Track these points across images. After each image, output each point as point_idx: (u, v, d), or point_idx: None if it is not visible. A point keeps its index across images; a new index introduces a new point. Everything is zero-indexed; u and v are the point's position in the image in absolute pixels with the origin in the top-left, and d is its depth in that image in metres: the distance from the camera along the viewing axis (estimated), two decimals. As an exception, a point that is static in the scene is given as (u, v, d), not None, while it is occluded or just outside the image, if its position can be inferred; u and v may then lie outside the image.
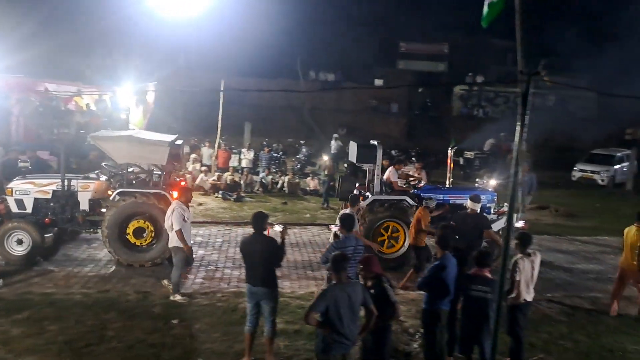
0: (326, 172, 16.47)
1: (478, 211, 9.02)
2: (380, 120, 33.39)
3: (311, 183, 18.69)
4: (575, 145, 28.14)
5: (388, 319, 5.79)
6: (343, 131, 29.39)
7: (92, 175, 10.83)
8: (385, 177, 11.32)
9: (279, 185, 18.32)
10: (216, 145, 18.68)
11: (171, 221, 8.38)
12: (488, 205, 11.12)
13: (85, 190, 10.25)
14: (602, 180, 23.28)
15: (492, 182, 13.27)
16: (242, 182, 17.64)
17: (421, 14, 36.31)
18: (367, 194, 10.92)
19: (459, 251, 7.05)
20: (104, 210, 10.20)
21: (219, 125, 18.16)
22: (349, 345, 5.28)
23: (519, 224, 10.21)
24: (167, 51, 27.97)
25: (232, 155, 19.56)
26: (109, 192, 10.33)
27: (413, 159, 21.34)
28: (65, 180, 10.14)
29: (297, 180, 18.72)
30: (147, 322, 7.69)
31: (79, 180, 10.30)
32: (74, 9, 24.29)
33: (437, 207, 10.28)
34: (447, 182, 12.40)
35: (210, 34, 25.95)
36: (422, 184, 12.10)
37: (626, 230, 8.84)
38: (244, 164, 19.32)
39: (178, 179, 11.61)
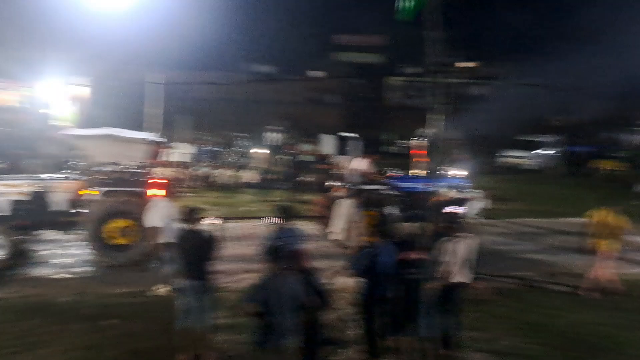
0: (262, 165, 16.36)
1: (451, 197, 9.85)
2: (319, 112, 33.61)
3: (250, 176, 18.55)
4: (502, 132, 29.35)
5: (322, 309, 5.85)
6: (282, 123, 29.35)
7: (71, 174, 10.61)
8: (358, 167, 11.69)
9: (219, 179, 18.08)
10: None
11: (152, 217, 8.20)
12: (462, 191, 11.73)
13: (63, 190, 10.00)
14: (528, 165, 24.47)
15: (463, 171, 13.78)
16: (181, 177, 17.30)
17: (355, 6, 36.72)
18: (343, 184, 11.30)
19: (394, 236, 7.21)
20: (81, 210, 10.02)
21: (161, 120, 17.69)
22: (286, 336, 5.29)
23: (449, 209, 10.52)
24: (102, 46, 26.87)
25: (170, 150, 19.10)
26: (91, 192, 10.07)
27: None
28: (42, 181, 9.95)
29: (237, 174, 18.53)
30: (81, 324, 7.42)
31: (56, 180, 10.11)
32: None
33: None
34: (414, 171, 12.90)
35: (147, 28, 25.12)
36: (394, 173, 12.48)
37: (597, 215, 9.40)
38: (183, 158, 18.94)
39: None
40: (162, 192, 8.78)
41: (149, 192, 9.58)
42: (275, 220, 7.10)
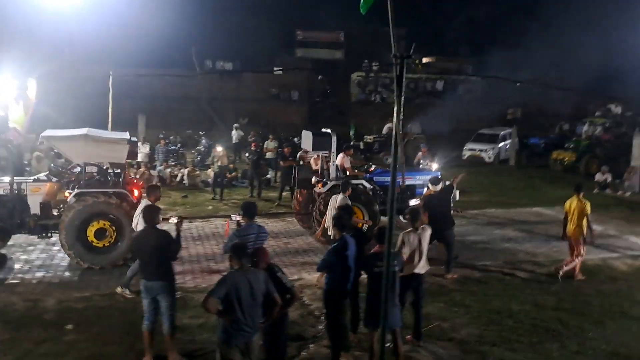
0: (220, 164, 16.17)
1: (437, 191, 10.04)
2: (281, 108, 33.47)
3: (212, 174, 18.33)
4: (464, 126, 29.92)
5: (288, 305, 5.83)
6: (244, 120, 29.13)
7: (42, 177, 10.35)
8: (338, 162, 11.67)
9: (178, 179, 17.80)
10: None
11: (137, 220, 7.96)
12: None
13: (35, 194, 9.74)
14: (489, 157, 24.99)
15: (435, 165, 13.89)
16: (137, 177, 16.93)
17: (317, 2, 36.74)
18: (325, 180, 11.31)
19: (357, 231, 7.24)
20: (56, 213, 9.87)
21: (109, 120, 17.24)
22: (251, 334, 5.25)
23: (414, 201, 10.69)
24: (50, 43, 25.98)
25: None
26: (66, 195, 9.86)
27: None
28: (14, 184, 9.64)
29: (197, 173, 18.29)
30: (37, 331, 7.19)
31: (28, 183, 9.80)
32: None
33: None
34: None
35: (96, 24, 24.49)
36: (373, 168, 12.53)
37: (567, 202, 9.71)
38: (139, 158, 18.52)
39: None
40: (151, 193, 8.34)
41: (139, 192, 9.55)
42: (238, 218, 7.02)
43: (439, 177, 10.81)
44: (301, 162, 14.75)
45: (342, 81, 38.04)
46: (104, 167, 10.40)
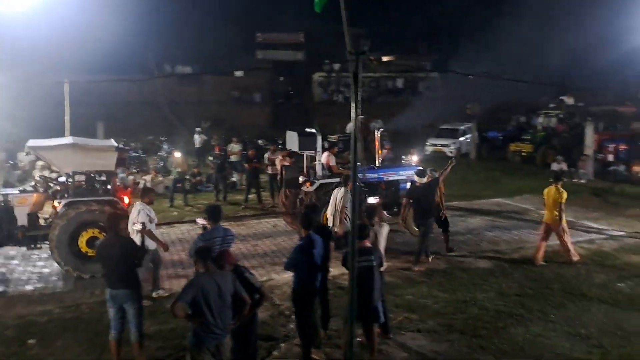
0: (178, 170, 15.95)
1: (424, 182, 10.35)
2: (244, 111, 33.28)
3: (175, 180, 18.12)
4: (425, 122, 30.38)
5: (257, 305, 5.83)
6: (207, 124, 28.81)
7: (28, 188, 10.34)
8: (323, 161, 11.81)
9: (140, 186, 17.47)
10: None
11: (137, 222, 7.91)
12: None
13: (22, 205, 9.67)
14: (451, 152, 25.46)
15: (415, 158, 14.12)
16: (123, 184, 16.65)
17: (275, 4, 36.65)
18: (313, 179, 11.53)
19: (323, 228, 7.30)
20: (44, 223, 9.86)
21: (66, 128, 16.82)
22: (222, 335, 5.24)
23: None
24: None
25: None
26: (55, 204, 9.81)
27: (279, 146, 21.54)
28: (0, 196, 9.62)
29: (160, 179, 18.03)
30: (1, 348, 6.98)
31: (14, 195, 9.78)
32: None
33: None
34: (377, 162, 13.12)
35: (47, 31, 23.73)
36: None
37: (546, 190, 10.15)
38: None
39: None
40: (145, 195, 8.51)
41: (129, 199, 9.65)
42: (204, 222, 6.99)
43: (424, 169, 11.15)
44: (270, 165, 14.83)
45: (304, 82, 38.12)
46: (92, 176, 10.30)
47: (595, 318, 7.76)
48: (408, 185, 11.89)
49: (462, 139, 26.57)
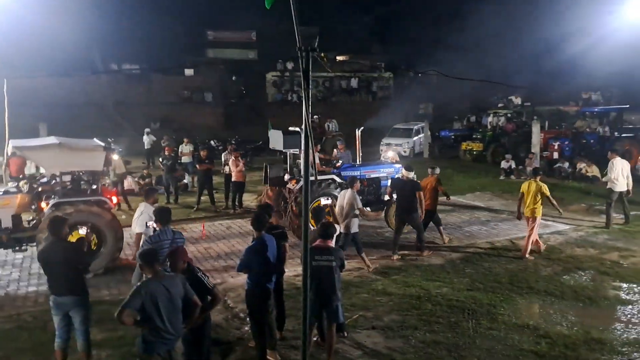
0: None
1: (411, 177, 10.88)
2: (195, 111, 32.68)
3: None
4: (379, 122, 30.71)
5: (211, 307, 5.71)
6: (156, 125, 28.20)
7: (11, 189, 10.16)
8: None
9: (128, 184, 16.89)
10: (5, 152, 16.46)
11: (137, 223, 8.12)
12: (397, 175, 12.42)
13: (6, 206, 9.53)
14: (405, 151, 25.82)
15: (390, 154, 14.32)
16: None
17: (226, 2, 36.18)
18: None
19: (276, 229, 7.22)
20: (27, 225, 9.79)
21: (6, 129, 16.03)
22: (173, 340, 5.09)
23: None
24: None
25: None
26: (42, 206, 9.73)
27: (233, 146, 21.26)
28: None
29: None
30: None
31: None
32: None
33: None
34: (358, 160, 13.35)
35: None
36: (339, 164, 12.81)
37: (525, 185, 10.59)
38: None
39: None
40: (148, 196, 8.45)
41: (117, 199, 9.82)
42: (153, 224, 6.80)
43: (392, 169, 12.14)
44: (226, 165, 14.63)
45: (257, 81, 37.80)
46: (79, 176, 10.26)
47: (543, 310, 8.02)
48: (389, 182, 12.25)
49: (415, 138, 27.02)
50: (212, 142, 24.87)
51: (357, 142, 13.46)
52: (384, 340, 7.05)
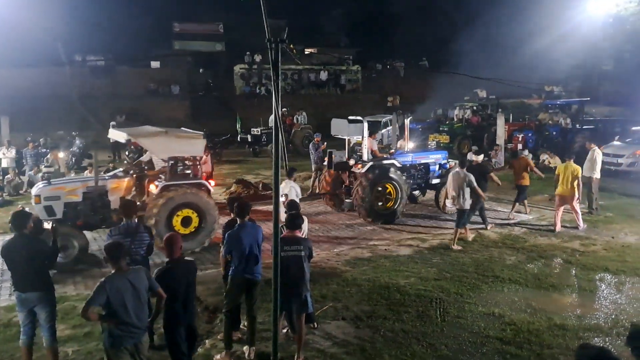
0: (59, 169, 15.12)
1: (480, 161, 12.27)
2: (161, 104, 32.12)
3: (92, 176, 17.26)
4: (348, 115, 30.72)
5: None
6: (122, 118, 27.60)
7: (119, 173, 11.01)
8: (367, 146, 12.82)
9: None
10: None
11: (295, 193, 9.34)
12: (444, 160, 13.92)
13: (116, 189, 10.41)
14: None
15: (411, 145, 14.87)
16: (5, 183, 15.54)
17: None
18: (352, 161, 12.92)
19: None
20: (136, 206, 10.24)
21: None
22: (140, 334, 5.04)
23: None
24: None
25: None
26: (151, 189, 10.52)
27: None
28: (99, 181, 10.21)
29: (72, 175, 17.09)
30: None
31: (109, 180, 10.46)
32: None
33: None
34: (406, 147, 14.26)
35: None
36: (393, 150, 13.80)
37: (562, 166, 11.85)
38: (4, 163, 16.96)
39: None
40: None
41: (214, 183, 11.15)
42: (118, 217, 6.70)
43: (439, 155, 14.01)
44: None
45: (224, 74, 37.35)
46: (182, 161, 10.94)
47: (507, 297, 8.23)
48: (437, 167, 13.66)
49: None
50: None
51: (406, 130, 14.38)
52: (354, 331, 7.13)
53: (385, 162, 12.64)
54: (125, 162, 17.27)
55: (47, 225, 6.21)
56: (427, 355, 6.48)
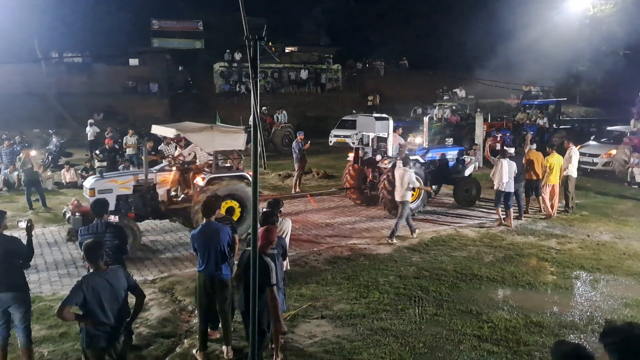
0: (32, 167, 14.76)
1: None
2: (140, 102, 31.73)
3: (67, 175, 17.00)
4: (328, 114, 30.83)
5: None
6: (99, 116, 27.23)
7: (166, 167, 11.47)
8: (393, 142, 13.54)
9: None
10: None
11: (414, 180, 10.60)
12: (461, 157, 14.52)
13: (163, 182, 10.90)
14: (353, 142, 26.00)
15: (418, 140, 14.98)
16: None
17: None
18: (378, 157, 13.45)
19: (223, 220, 7.19)
20: (181, 199, 11.17)
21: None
22: (117, 333, 4.97)
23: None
24: None
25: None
26: (197, 181, 10.84)
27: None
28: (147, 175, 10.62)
29: (49, 174, 16.82)
30: None
31: (157, 174, 10.89)
32: None
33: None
34: (425, 143, 14.85)
35: None
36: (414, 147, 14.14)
37: (552, 158, 12.80)
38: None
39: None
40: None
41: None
42: (113, 218, 6.62)
43: (456, 151, 14.66)
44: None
45: (204, 72, 37.03)
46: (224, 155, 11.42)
47: (485, 295, 8.33)
48: (454, 163, 14.31)
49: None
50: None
51: (425, 128, 15.13)
52: (333, 329, 7.14)
53: (413, 157, 12.89)
54: (96, 161, 17.04)
55: (23, 224, 6.03)
56: (405, 353, 6.52)
